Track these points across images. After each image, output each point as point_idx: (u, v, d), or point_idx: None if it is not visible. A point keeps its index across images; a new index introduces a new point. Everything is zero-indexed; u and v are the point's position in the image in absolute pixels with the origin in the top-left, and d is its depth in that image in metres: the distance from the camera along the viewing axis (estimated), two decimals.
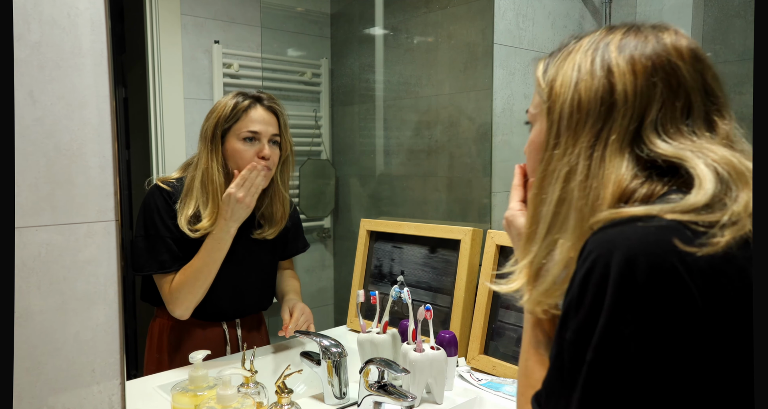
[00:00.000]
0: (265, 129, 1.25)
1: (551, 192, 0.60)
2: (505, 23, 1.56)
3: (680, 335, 0.48)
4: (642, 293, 0.48)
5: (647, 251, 0.49)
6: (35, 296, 0.77)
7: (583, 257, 0.53)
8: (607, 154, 0.57)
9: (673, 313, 0.48)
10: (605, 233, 0.53)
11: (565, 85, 0.60)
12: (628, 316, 0.48)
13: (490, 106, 1.55)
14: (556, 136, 0.61)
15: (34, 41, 0.75)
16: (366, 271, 1.60)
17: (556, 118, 0.61)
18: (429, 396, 1.13)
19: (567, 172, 0.59)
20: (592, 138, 0.58)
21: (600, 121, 0.58)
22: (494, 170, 1.55)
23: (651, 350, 0.48)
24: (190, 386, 0.98)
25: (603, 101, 0.58)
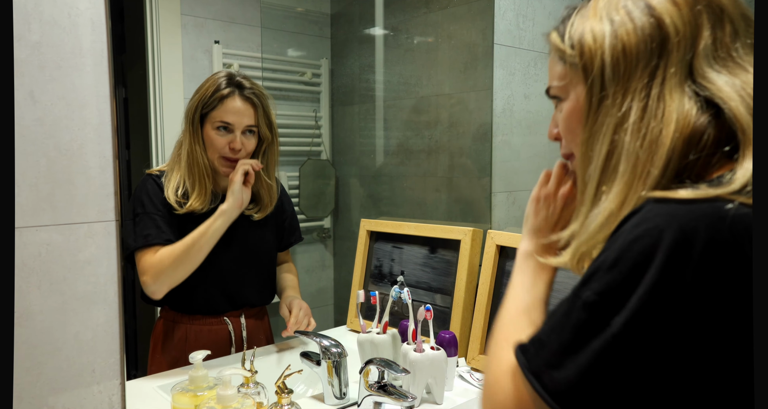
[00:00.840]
0: (238, 120, 1.25)
1: (598, 149, 0.56)
2: (505, 23, 1.56)
3: (726, 323, 0.44)
4: (695, 269, 0.44)
5: (709, 225, 0.44)
6: (35, 296, 0.77)
7: (633, 223, 0.48)
8: (665, 90, 0.53)
9: (725, 297, 0.44)
10: (666, 206, 0.47)
11: (599, 38, 0.56)
12: (671, 294, 0.44)
13: (490, 107, 1.55)
14: (601, 89, 0.56)
15: (35, 41, 0.75)
16: (366, 271, 1.60)
17: (598, 72, 0.56)
18: (429, 396, 1.13)
19: (616, 122, 0.54)
20: (646, 77, 0.54)
21: (653, 58, 0.54)
22: (494, 170, 1.55)
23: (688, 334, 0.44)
24: (190, 386, 0.98)
25: (653, 38, 0.54)
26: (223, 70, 1.30)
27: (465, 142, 1.67)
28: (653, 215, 0.48)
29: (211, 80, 1.27)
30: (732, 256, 0.44)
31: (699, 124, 0.52)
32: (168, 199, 1.23)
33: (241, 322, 1.33)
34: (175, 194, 1.24)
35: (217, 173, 1.29)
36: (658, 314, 0.45)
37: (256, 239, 1.36)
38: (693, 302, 0.44)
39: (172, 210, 1.24)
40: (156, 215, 1.24)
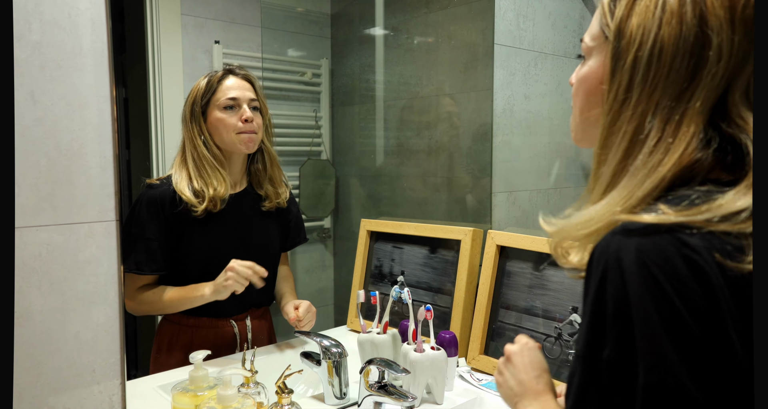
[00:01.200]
0: (243, 94, 1.28)
1: (614, 152, 0.53)
2: (505, 24, 1.56)
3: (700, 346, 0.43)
4: (672, 311, 0.43)
5: (671, 267, 0.44)
6: (36, 296, 0.77)
7: (599, 268, 0.48)
8: (685, 119, 0.49)
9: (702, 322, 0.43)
10: (622, 244, 0.47)
11: (646, 27, 0.49)
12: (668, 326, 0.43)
13: (490, 107, 1.55)
14: (627, 89, 0.51)
15: (35, 41, 0.75)
16: (366, 271, 1.60)
17: (628, 67, 0.51)
18: (429, 396, 1.13)
19: (635, 136, 0.51)
20: (671, 100, 0.49)
21: (685, 80, 0.48)
22: (494, 171, 1.55)
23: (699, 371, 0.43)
24: (190, 386, 0.98)
25: (692, 55, 0.48)
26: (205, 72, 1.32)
27: (465, 143, 1.67)
28: (616, 250, 0.47)
29: (198, 81, 1.30)
30: (691, 286, 0.44)
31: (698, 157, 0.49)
32: (185, 200, 1.22)
33: (246, 324, 1.33)
34: (191, 192, 1.23)
35: (229, 159, 1.30)
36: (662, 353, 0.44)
37: (264, 237, 1.37)
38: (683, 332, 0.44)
39: (187, 213, 1.23)
40: (151, 238, 1.24)
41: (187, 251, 1.26)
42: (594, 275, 0.48)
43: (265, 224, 1.36)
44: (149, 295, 1.25)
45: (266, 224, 1.36)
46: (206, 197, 1.23)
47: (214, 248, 1.28)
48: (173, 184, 1.24)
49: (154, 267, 1.24)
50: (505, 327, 1.29)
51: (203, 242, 1.27)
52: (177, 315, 1.30)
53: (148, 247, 1.23)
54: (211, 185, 1.24)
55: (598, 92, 0.56)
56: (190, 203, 1.22)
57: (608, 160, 0.53)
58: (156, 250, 1.24)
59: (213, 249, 1.28)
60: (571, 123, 0.62)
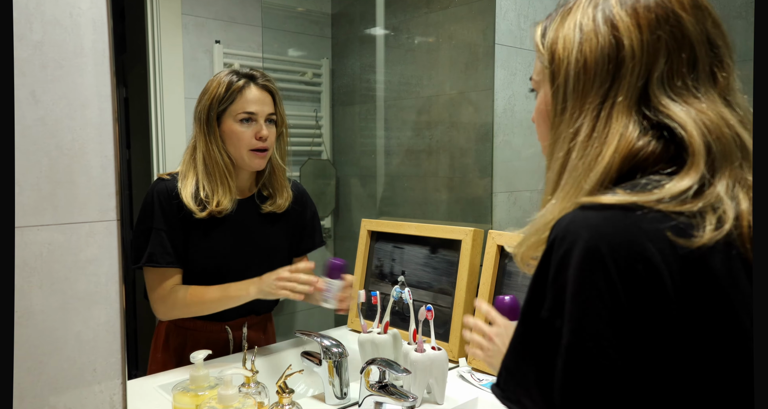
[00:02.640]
0: (261, 109, 1.24)
1: (555, 159, 0.59)
2: (506, 24, 1.56)
3: (646, 322, 0.47)
4: (607, 281, 0.47)
5: (618, 240, 0.48)
6: (37, 296, 0.77)
7: (554, 233, 0.52)
8: (614, 113, 0.55)
9: (641, 297, 0.47)
10: (576, 216, 0.52)
11: (568, 48, 0.58)
12: (591, 297, 0.48)
13: (491, 107, 1.55)
14: (563, 100, 0.58)
15: (36, 41, 0.75)
16: (367, 271, 1.60)
17: (562, 82, 0.58)
18: (430, 396, 1.13)
19: (570, 137, 0.57)
20: (598, 98, 0.56)
21: (608, 80, 0.55)
22: (495, 171, 1.55)
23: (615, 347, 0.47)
24: (191, 386, 0.98)
25: (610, 59, 0.55)
26: (225, 69, 1.29)
27: (466, 143, 1.67)
28: (568, 222, 0.52)
29: (218, 78, 1.25)
30: (634, 260, 0.47)
31: (639, 145, 0.54)
32: (186, 205, 1.20)
33: (243, 332, 1.32)
34: (194, 199, 1.21)
35: (239, 169, 1.27)
36: (589, 318, 0.48)
37: (270, 241, 1.35)
38: (613, 302, 0.47)
39: (191, 215, 1.21)
40: (162, 230, 1.21)
41: (194, 250, 1.25)
42: (547, 243, 0.53)
43: (273, 229, 1.34)
44: (188, 296, 1.22)
45: (274, 229, 1.34)
46: (209, 207, 1.21)
47: (217, 251, 1.27)
48: (178, 186, 1.22)
49: (169, 259, 1.21)
50: None
51: (207, 243, 1.26)
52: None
53: (160, 238, 1.21)
54: (216, 196, 1.22)
55: (548, 116, 0.62)
56: (191, 210, 1.20)
57: (552, 165, 0.59)
58: (167, 241, 1.21)
59: (216, 251, 1.27)
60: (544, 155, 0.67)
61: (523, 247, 0.60)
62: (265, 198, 1.33)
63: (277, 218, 1.34)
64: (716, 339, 0.48)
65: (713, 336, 0.48)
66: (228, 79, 1.23)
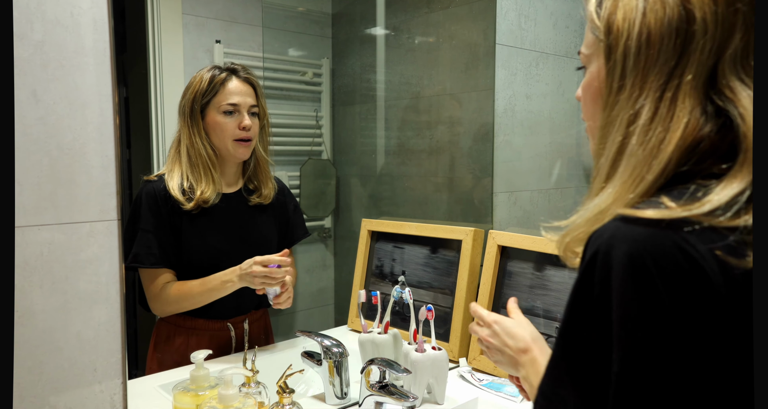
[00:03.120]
0: (243, 101, 1.27)
1: (610, 144, 0.53)
2: (507, 23, 1.56)
3: (696, 345, 0.43)
4: (659, 304, 0.43)
5: (666, 260, 0.44)
6: (37, 296, 0.77)
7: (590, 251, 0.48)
8: (680, 95, 0.50)
9: (689, 321, 0.43)
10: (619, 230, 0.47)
11: (629, 19, 0.52)
12: (645, 321, 0.44)
13: (491, 107, 1.55)
14: (621, 77, 0.53)
15: (37, 40, 0.75)
16: (367, 271, 1.60)
17: (620, 57, 0.53)
18: (430, 396, 1.13)
19: (629, 120, 0.52)
20: (663, 77, 0.50)
21: (674, 57, 0.50)
22: (496, 171, 1.55)
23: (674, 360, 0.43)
24: (191, 386, 0.98)
25: (678, 33, 0.49)
26: (208, 65, 1.31)
27: (466, 143, 1.67)
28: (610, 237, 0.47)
29: (200, 74, 1.28)
30: (688, 282, 0.43)
31: (703, 133, 0.49)
32: (174, 197, 1.23)
33: (244, 328, 1.32)
34: (180, 191, 1.24)
35: (223, 161, 1.30)
36: (641, 345, 0.44)
37: (261, 234, 1.37)
38: (667, 326, 0.44)
39: (179, 206, 1.23)
40: (148, 231, 1.24)
41: (187, 247, 1.27)
42: (585, 258, 0.49)
43: (261, 222, 1.36)
44: (175, 292, 1.25)
45: (262, 222, 1.36)
46: (194, 198, 1.24)
47: (210, 245, 1.28)
48: (165, 180, 1.26)
49: (153, 260, 1.24)
50: None
51: (199, 239, 1.27)
52: (173, 316, 1.30)
53: (146, 239, 1.24)
54: (199, 186, 1.25)
55: (600, 93, 0.56)
56: (178, 201, 1.23)
57: (605, 150, 0.54)
58: (154, 242, 1.24)
59: (209, 246, 1.28)
60: (588, 136, 0.62)
61: (568, 237, 0.55)
62: (251, 191, 1.36)
63: (264, 209, 1.37)
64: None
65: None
66: (210, 74, 1.27)
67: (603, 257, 0.47)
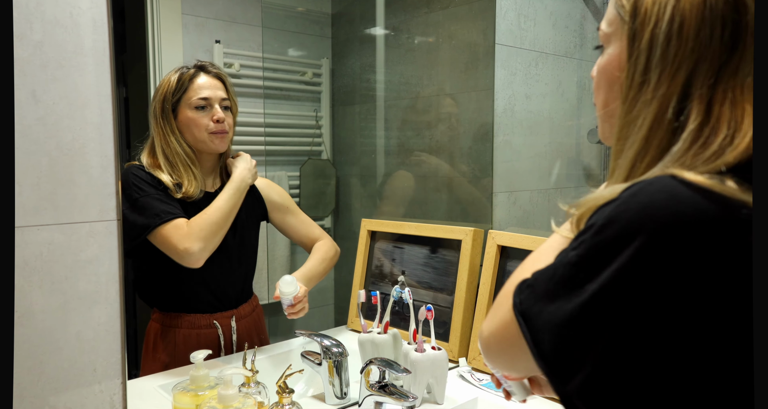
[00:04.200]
0: (214, 94, 1.27)
1: (632, 141, 0.47)
2: (506, 23, 1.56)
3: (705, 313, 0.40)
4: (676, 255, 0.40)
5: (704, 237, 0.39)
6: (37, 296, 0.77)
7: (632, 191, 0.43)
8: (744, 97, 0.42)
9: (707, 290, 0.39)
10: (666, 185, 0.41)
11: (661, 3, 0.44)
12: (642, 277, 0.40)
13: (491, 107, 1.55)
14: (644, 72, 0.46)
15: (37, 40, 0.75)
16: (367, 271, 1.60)
17: (644, 47, 0.46)
18: (429, 396, 1.13)
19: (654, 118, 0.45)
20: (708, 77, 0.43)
21: (723, 52, 0.42)
22: (495, 171, 1.55)
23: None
24: (191, 386, 0.98)
25: (725, 24, 0.42)
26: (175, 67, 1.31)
27: (466, 143, 1.67)
28: (655, 191, 0.41)
29: (167, 75, 1.28)
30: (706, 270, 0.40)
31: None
32: (165, 183, 1.22)
33: (231, 325, 1.32)
34: (169, 180, 1.24)
35: (200, 158, 1.30)
36: (626, 292, 0.41)
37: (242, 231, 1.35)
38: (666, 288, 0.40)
39: (169, 192, 1.23)
40: (156, 195, 1.22)
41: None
42: (616, 196, 0.44)
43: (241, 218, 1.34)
44: (201, 220, 1.21)
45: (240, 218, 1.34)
46: (181, 192, 1.24)
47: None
48: (150, 172, 1.23)
49: (171, 214, 1.20)
50: None
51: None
52: (160, 315, 1.29)
53: (160, 199, 1.21)
54: (183, 182, 1.25)
55: (618, 81, 0.51)
56: (169, 188, 1.23)
57: (624, 151, 0.48)
58: (162, 201, 1.21)
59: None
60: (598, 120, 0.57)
61: (583, 207, 0.50)
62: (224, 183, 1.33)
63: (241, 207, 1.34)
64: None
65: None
66: (178, 73, 1.27)
67: (625, 205, 0.42)
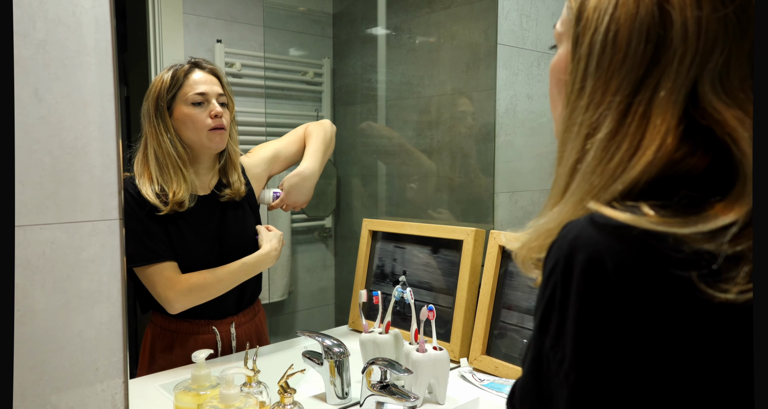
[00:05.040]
0: (211, 89, 1.24)
1: (568, 153, 0.47)
2: (508, 24, 1.56)
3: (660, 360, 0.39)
4: (613, 313, 0.39)
5: (637, 274, 0.38)
6: (39, 295, 0.77)
7: (552, 253, 0.43)
8: (653, 110, 0.42)
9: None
10: (585, 232, 0.41)
11: (600, 9, 0.45)
12: (594, 333, 0.39)
13: (493, 107, 1.55)
14: (582, 78, 0.46)
15: (40, 39, 0.75)
16: (368, 271, 1.60)
17: (584, 53, 0.46)
18: (431, 396, 1.13)
19: (587, 132, 0.45)
20: (629, 87, 0.43)
21: (644, 66, 0.43)
22: (497, 171, 1.55)
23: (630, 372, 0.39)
24: (192, 385, 0.98)
25: (649, 38, 0.42)
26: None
27: (467, 143, 1.67)
28: (574, 238, 0.41)
29: (160, 74, 1.25)
30: (651, 295, 0.39)
31: (679, 156, 0.42)
32: (149, 201, 1.18)
33: (231, 332, 1.30)
34: (154, 195, 1.19)
35: (196, 157, 1.26)
36: (593, 354, 0.40)
37: (238, 234, 1.33)
38: (619, 338, 0.39)
39: (156, 212, 1.19)
40: (141, 230, 1.18)
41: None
42: (548, 261, 0.44)
43: (238, 219, 1.33)
44: (199, 278, 1.21)
45: (238, 219, 1.33)
46: (168, 201, 1.19)
47: (189, 249, 1.24)
48: (137, 185, 1.20)
49: (152, 255, 1.18)
50: (507, 328, 1.29)
51: (178, 244, 1.23)
52: (159, 318, 1.27)
53: (136, 237, 1.18)
54: (170, 188, 1.19)
55: (563, 83, 0.50)
56: (155, 205, 1.18)
57: (564, 158, 0.48)
58: (146, 238, 1.18)
59: (188, 250, 1.24)
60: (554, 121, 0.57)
61: (524, 250, 0.51)
62: (224, 185, 1.31)
63: (238, 205, 1.33)
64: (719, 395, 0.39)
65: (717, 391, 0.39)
66: (172, 70, 1.24)
67: (564, 260, 0.42)
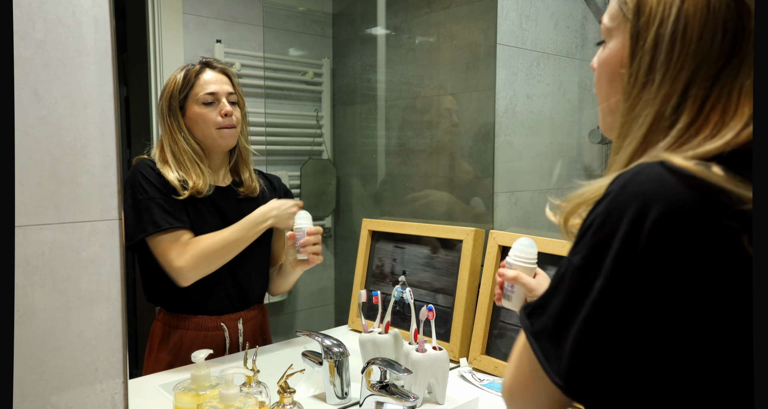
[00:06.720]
0: (221, 88, 1.27)
1: (631, 139, 0.48)
2: (508, 24, 1.56)
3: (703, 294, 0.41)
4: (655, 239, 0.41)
5: (693, 221, 0.40)
6: (39, 295, 0.77)
7: (620, 183, 0.44)
8: (741, 100, 0.42)
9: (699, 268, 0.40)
10: (655, 173, 0.42)
11: (666, 2, 0.44)
12: (637, 260, 0.41)
13: (492, 107, 1.55)
14: (647, 71, 0.46)
15: (39, 40, 0.75)
16: (367, 271, 1.60)
17: (649, 47, 0.45)
18: (430, 396, 1.13)
19: (655, 118, 0.45)
20: (708, 79, 0.43)
21: (722, 56, 0.42)
22: (497, 171, 1.55)
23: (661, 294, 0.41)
24: (192, 386, 0.98)
25: (726, 28, 0.42)
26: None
27: (467, 143, 1.67)
28: (644, 180, 0.42)
29: (173, 74, 1.29)
30: (699, 243, 0.40)
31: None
32: (171, 183, 1.22)
33: (238, 327, 1.32)
34: (176, 179, 1.23)
35: (209, 154, 1.30)
36: (628, 279, 0.42)
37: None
38: (662, 273, 0.41)
39: (175, 194, 1.23)
40: (159, 199, 1.22)
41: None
42: (607, 189, 0.45)
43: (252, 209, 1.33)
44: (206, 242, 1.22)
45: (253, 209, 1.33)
46: (188, 188, 1.23)
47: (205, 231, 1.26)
48: (160, 169, 1.24)
49: (173, 222, 1.21)
50: (507, 327, 1.29)
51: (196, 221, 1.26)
52: (167, 316, 1.29)
53: (160, 206, 1.21)
54: (190, 178, 1.24)
55: (620, 77, 0.51)
56: (175, 188, 1.22)
57: (624, 147, 0.49)
58: (165, 207, 1.21)
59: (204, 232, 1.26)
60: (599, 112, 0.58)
61: (571, 203, 0.51)
62: (238, 184, 1.35)
63: (254, 202, 1.35)
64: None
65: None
66: (184, 70, 1.28)
67: (625, 194, 0.42)
